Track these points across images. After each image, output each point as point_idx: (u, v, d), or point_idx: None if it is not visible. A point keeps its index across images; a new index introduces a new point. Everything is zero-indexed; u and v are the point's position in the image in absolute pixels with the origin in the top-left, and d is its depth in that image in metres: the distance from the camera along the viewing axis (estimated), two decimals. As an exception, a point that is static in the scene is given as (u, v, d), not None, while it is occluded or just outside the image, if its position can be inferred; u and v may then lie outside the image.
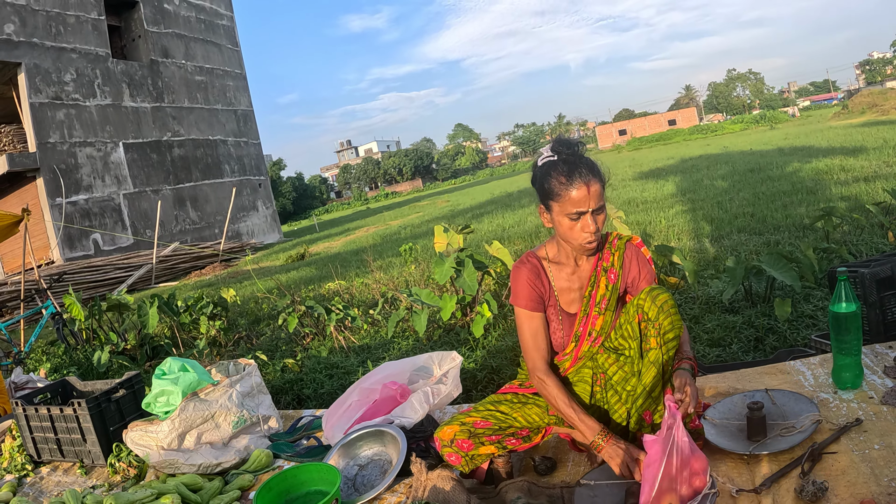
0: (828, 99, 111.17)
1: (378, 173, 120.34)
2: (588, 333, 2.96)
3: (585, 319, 2.96)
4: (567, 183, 2.67)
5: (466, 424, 2.94)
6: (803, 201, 10.60)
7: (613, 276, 2.92)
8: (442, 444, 2.93)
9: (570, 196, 2.67)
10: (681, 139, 70.35)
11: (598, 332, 2.95)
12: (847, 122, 38.29)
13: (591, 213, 2.69)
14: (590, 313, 2.95)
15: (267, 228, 35.65)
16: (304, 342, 7.56)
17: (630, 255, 2.95)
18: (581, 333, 2.97)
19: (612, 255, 2.94)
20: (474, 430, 2.92)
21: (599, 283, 2.93)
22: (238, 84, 35.51)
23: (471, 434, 2.91)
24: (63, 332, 9.98)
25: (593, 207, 2.68)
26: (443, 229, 7.33)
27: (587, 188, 2.65)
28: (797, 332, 4.83)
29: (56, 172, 24.58)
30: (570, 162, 2.72)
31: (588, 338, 2.96)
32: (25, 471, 4.68)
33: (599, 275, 2.93)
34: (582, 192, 2.65)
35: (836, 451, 2.57)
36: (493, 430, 2.94)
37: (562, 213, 2.73)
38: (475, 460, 2.93)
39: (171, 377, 4.04)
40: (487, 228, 16.24)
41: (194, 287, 18.12)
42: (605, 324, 2.94)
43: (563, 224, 2.76)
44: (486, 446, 2.92)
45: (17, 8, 24.05)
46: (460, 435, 2.91)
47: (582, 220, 2.71)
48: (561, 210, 2.73)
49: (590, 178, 2.67)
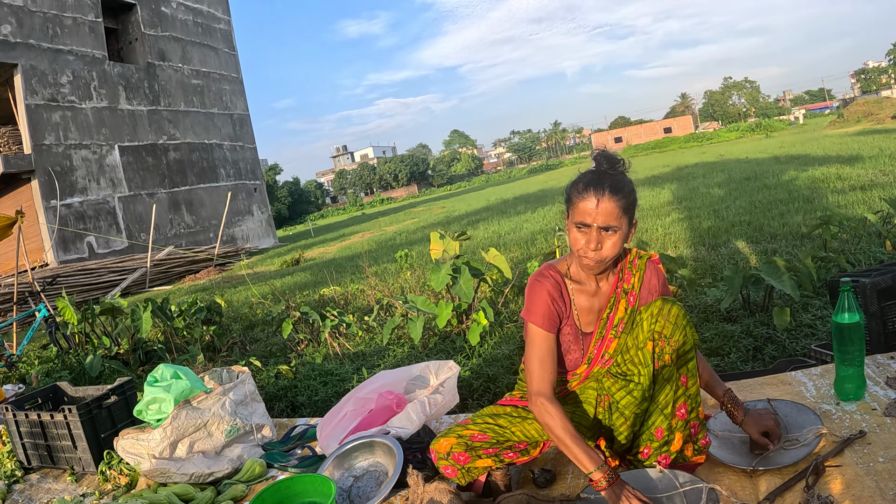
0: (823, 108, 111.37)
1: (374, 179, 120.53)
2: (601, 356, 2.89)
3: (601, 342, 2.89)
4: (583, 191, 2.63)
5: (464, 437, 2.88)
6: (800, 209, 10.58)
7: (633, 298, 2.85)
8: (438, 457, 2.88)
9: (581, 205, 2.62)
10: (676, 147, 70.57)
11: (611, 355, 2.88)
12: (843, 130, 38.36)
13: (597, 229, 2.61)
14: (606, 336, 2.88)
15: (262, 233, 35.63)
16: (298, 348, 7.51)
17: (649, 276, 2.88)
18: (594, 356, 2.91)
19: (633, 277, 2.87)
20: (471, 443, 2.86)
21: (619, 305, 2.86)
22: (234, 88, 35.51)
23: (468, 447, 2.85)
24: (55, 335, 9.92)
25: (600, 224, 2.59)
26: (439, 236, 7.29)
27: (598, 202, 2.58)
28: (796, 341, 4.80)
29: (51, 174, 24.52)
30: (599, 174, 2.67)
31: (600, 360, 2.90)
32: (15, 477, 4.63)
33: (619, 297, 2.86)
34: (592, 203, 2.59)
35: (840, 465, 2.53)
36: (491, 444, 2.88)
37: (572, 221, 2.70)
38: (472, 473, 2.88)
39: (164, 384, 4.00)
40: (483, 235, 16.22)
41: (188, 291, 18.06)
42: (619, 346, 2.86)
43: (572, 233, 2.70)
44: (483, 459, 2.86)
45: (14, 9, 24.03)
46: (457, 448, 2.85)
47: (587, 234, 2.64)
48: (572, 217, 2.70)
49: (606, 194, 2.58)
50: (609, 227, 2.60)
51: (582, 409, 2.98)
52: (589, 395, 2.97)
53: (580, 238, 2.66)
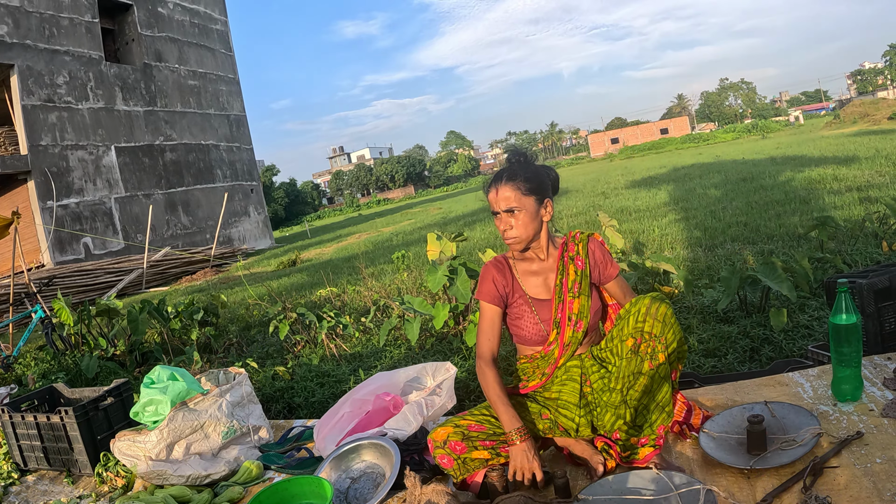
0: (819, 109, 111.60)
1: (370, 180, 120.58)
2: (568, 318, 3.13)
3: (561, 305, 3.14)
4: (487, 187, 3.12)
5: (461, 427, 3.00)
6: (797, 210, 10.59)
7: (580, 262, 3.16)
8: (435, 445, 2.97)
9: (488, 198, 3.10)
10: (673, 148, 70.63)
11: (578, 316, 3.13)
12: (839, 131, 38.40)
13: (503, 213, 3.03)
14: (565, 298, 3.13)
15: (258, 234, 35.62)
16: (295, 350, 7.50)
17: (593, 247, 3.21)
18: (560, 319, 3.14)
19: (576, 246, 3.19)
20: (468, 432, 2.98)
21: (568, 270, 3.16)
22: (231, 89, 35.49)
23: (464, 437, 2.96)
24: (52, 336, 9.90)
25: (503, 208, 3.02)
26: (436, 237, 7.29)
27: (496, 192, 3.04)
28: (793, 342, 4.80)
29: (47, 175, 24.50)
30: (502, 169, 3.12)
31: (569, 322, 3.13)
32: (11, 479, 4.62)
33: (567, 263, 3.17)
34: (492, 195, 3.07)
35: (837, 465, 2.54)
36: (488, 435, 3.00)
37: (491, 212, 3.13)
38: (467, 465, 2.95)
39: (160, 386, 4.00)
40: (480, 236, 16.21)
41: (185, 292, 18.05)
42: (581, 307, 3.13)
43: (495, 221, 3.13)
44: (480, 451, 2.95)
45: (11, 9, 24.00)
46: (454, 437, 2.95)
47: (498, 220, 3.08)
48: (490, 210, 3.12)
49: (501, 183, 3.03)
50: (511, 209, 3.02)
51: (569, 388, 3.14)
52: (573, 373, 3.17)
53: (498, 225, 3.10)
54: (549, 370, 3.18)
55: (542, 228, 3.12)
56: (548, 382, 3.21)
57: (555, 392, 3.17)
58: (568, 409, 3.10)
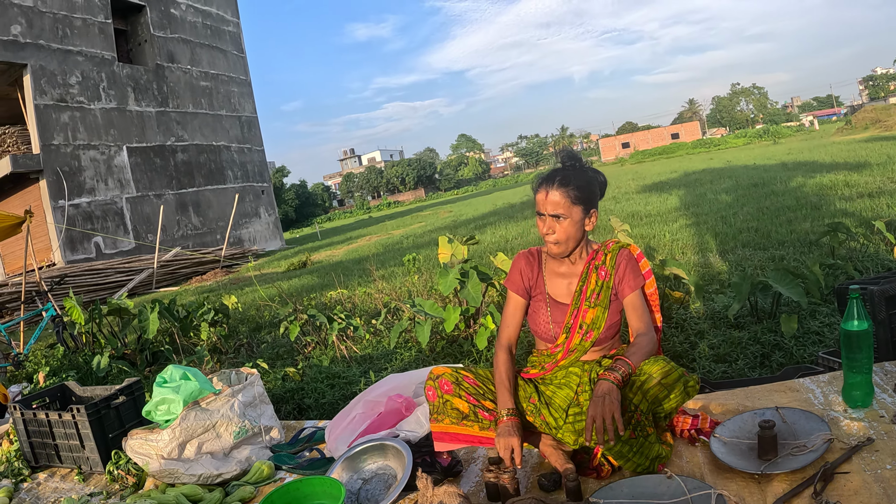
0: (831, 114, 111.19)
1: (381, 182, 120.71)
2: (579, 326, 3.16)
3: (577, 312, 3.17)
4: (537, 186, 3.10)
5: (458, 374, 3.17)
6: (808, 216, 10.57)
7: (604, 273, 3.16)
8: (429, 377, 3.17)
9: (537, 198, 3.10)
10: (684, 153, 70.48)
11: (589, 327, 3.14)
12: (850, 137, 38.27)
13: (549, 217, 3.05)
14: (581, 307, 3.16)
15: (269, 235, 35.68)
16: (305, 351, 7.52)
17: (621, 259, 3.17)
18: (572, 325, 3.17)
19: (604, 256, 3.18)
20: (462, 381, 3.15)
21: (590, 278, 3.17)
22: (242, 90, 35.57)
23: (456, 381, 3.13)
24: (63, 335, 9.94)
25: (549, 212, 3.03)
26: (447, 240, 7.30)
27: (546, 194, 3.04)
28: (804, 348, 4.79)
29: (59, 174, 24.62)
30: (554, 170, 3.12)
31: (579, 330, 3.16)
32: (22, 476, 4.64)
33: (591, 272, 3.17)
34: (541, 195, 3.07)
35: (848, 471, 2.54)
36: (476, 393, 3.14)
37: (536, 211, 3.14)
38: (445, 409, 3.10)
39: (173, 385, 4.02)
40: (490, 240, 16.19)
41: (195, 293, 18.08)
42: (595, 318, 3.14)
43: (537, 221, 3.15)
44: (461, 401, 3.11)
45: (24, 9, 24.13)
46: (448, 377, 3.14)
47: (542, 221, 3.09)
48: (535, 208, 3.13)
49: (553, 187, 3.03)
50: (558, 216, 3.03)
51: (564, 393, 3.19)
52: (571, 381, 3.20)
53: (540, 225, 3.12)
54: (548, 366, 3.24)
55: (583, 237, 3.16)
56: (546, 376, 3.26)
57: (549, 391, 3.21)
58: (557, 412, 3.13)
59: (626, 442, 2.78)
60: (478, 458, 3.50)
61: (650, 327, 3.08)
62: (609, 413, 2.63)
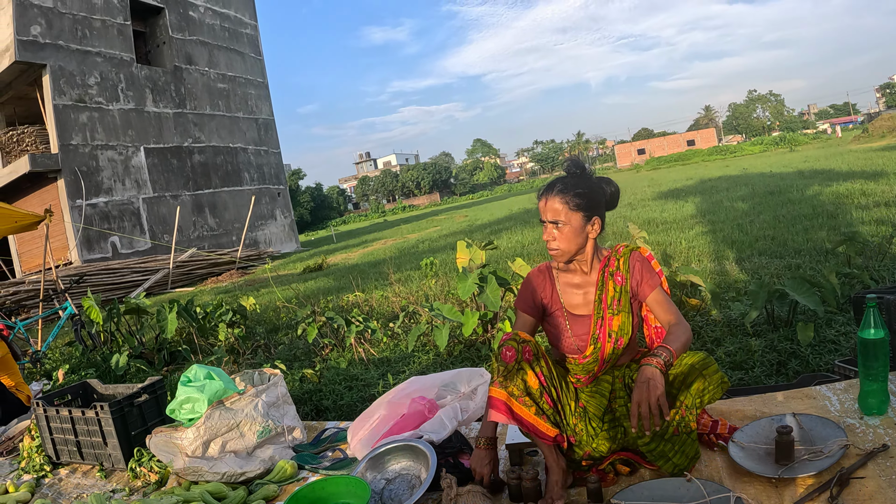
0: (847, 122, 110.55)
1: (396, 186, 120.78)
2: (608, 335, 3.11)
3: (601, 322, 3.14)
4: (539, 195, 3.14)
5: (540, 349, 3.07)
6: (824, 225, 10.54)
7: (620, 278, 3.13)
8: (513, 338, 3.05)
9: (539, 206, 3.13)
10: (699, 160, 70.19)
11: (619, 333, 3.11)
12: (867, 145, 38.06)
13: (549, 224, 3.07)
14: (604, 315, 3.13)
15: (284, 237, 35.76)
16: (323, 353, 7.56)
17: (634, 261, 3.16)
18: (600, 335, 3.13)
19: (617, 261, 3.17)
20: (540, 355, 3.07)
21: (607, 286, 3.14)
22: (260, 93, 35.67)
23: (536, 354, 3.04)
24: (81, 333, 10.02)
25: (549, 219, 3.06)
26: (465, 245, 7.33)
27: (545, 201, 3.08)
28: (820, 356, 4.80)
29: (77, 174, 24.76)
30: (555, 179, 3.14)
31: (609, 339, 3.11)
32: (44, 472, 4.70)
33: (606, 279, 3.15)
34: (541, 203, 3.10)
35: (863, 477, 2.57)
36: (547, 374, 3.06)
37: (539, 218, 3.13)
38: (516, 378, 2.98)
39: (197, 384, 4.06)
40: (506, 245, 16.17)
41: (211, 293, 18.17)
42: (622, 324, 3.11)
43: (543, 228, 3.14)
44: (534, 377, 3.01)
45: (44, 10, 24.31)
46: (532, 346, 3.03)
47: (544, 229, 3.11)
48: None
49: (551, 195, 3.06)
50: (557, 222, 3.04)
51: (596, 401, 3.15)
52: (603, 389, 3.17)
53: (543, 233, 3.12)
54: (584, 379, 3.20)
55: (587, 243, 3.12)
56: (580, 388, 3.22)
57: (582, 400, 3.18)
58: (594, 421, 3.11)
59: (669, 440, 2.81)
60: (499, 461, 3.53)
61: (680, 316, 3.06)
62: (654, 397, 2.64)
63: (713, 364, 2.84)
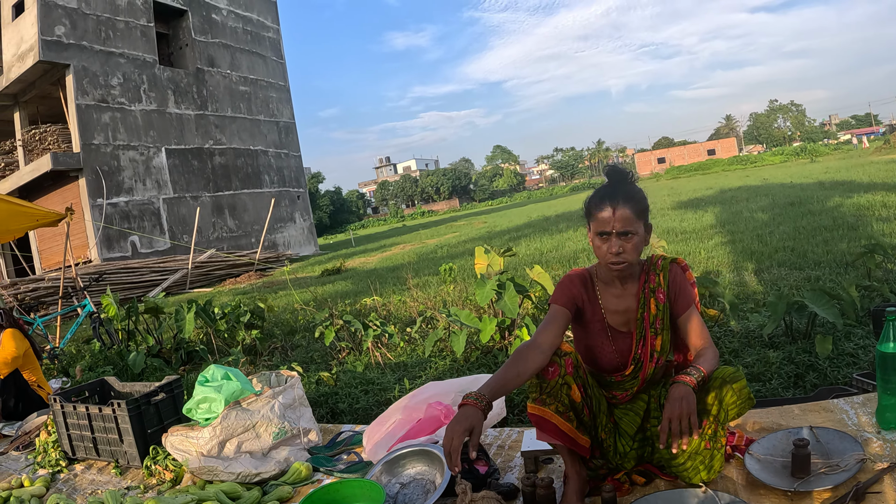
0: (869, 133, 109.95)
1: (415, 191, 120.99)
2: (651, 355, 3.03)
3: (643, 342, 3.04)
4: (599, 203, 2.89)
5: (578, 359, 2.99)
6: (844, 237, 10.48)
7: (662, 295, 3.02)
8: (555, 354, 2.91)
9: (600, 216, 2.87)
10: (720, 169, 69.86)
11: (660, 353, 3.03)
12: (889, 157, 37.74)
13: (615, 235, 2.85)
14: (646, 335, 3.03)
15: (303, 240, 35.86)
16: (339, 356, 7.57)
17: (674, 276, 3.06)
18: (642, 356, 3.05)
19: (657, 276, 3.05)
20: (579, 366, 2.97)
21: (649, 304, 3.02)
22: (281, 96, 35.83)
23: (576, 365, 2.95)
24: (99, 331, 10.08)
25: (618, 230, 2.84)
26: (484, 251, 7.33)
27: (613, 210, 2.83)
28: (838, 370, 4.77)
29: (98, 173, 24.94)
30: (612, 186, 2.93)
31: (651, 359, 3.03)
32: (59, 467, 4.74)
33: (648, 296, 3.03)
34: (606, 213, 2.85)
35: (880, 491, 2.56)
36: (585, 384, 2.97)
37: (594, 231, 2.93)
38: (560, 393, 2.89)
39: (214, 384, 4.08)
40: (525, 252, 16.16)
41: (229, 294, 18.23)
42: (664, 343, 3.03)
43: (595, 242, 2.94)
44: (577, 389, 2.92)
45: (68, 11, 24.56)
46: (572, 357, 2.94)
47: (608, 241, 2.87)
48: (593, 228, 2.93)
49: (619, 203, 2.84)
50: (626, 232, 2.85)
51: (630, 418, 3.09)
52: (638, 408, 3.11)
53: (602, 246, 2.90)
54: (621, 396, 3.14)
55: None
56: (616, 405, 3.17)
57: (615, 416, 3.13)
58: (624, 438, 3.08)
59: (699, 453, 2.76)
60: (514, 468, 3.52)
61: (711, 342, 2.95)
62: (686, 415, 2.59)
63: (743, 378, 2.80)
